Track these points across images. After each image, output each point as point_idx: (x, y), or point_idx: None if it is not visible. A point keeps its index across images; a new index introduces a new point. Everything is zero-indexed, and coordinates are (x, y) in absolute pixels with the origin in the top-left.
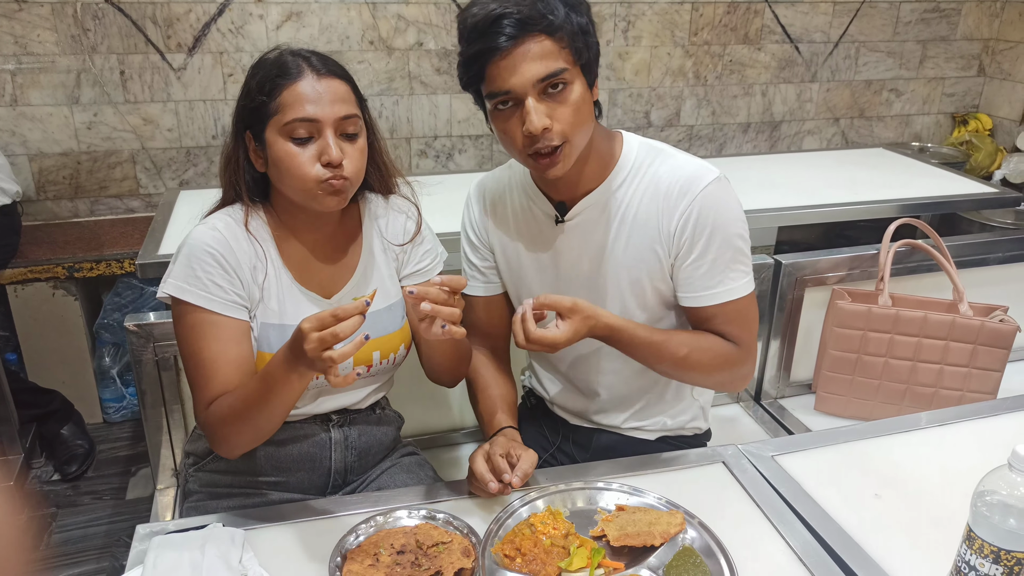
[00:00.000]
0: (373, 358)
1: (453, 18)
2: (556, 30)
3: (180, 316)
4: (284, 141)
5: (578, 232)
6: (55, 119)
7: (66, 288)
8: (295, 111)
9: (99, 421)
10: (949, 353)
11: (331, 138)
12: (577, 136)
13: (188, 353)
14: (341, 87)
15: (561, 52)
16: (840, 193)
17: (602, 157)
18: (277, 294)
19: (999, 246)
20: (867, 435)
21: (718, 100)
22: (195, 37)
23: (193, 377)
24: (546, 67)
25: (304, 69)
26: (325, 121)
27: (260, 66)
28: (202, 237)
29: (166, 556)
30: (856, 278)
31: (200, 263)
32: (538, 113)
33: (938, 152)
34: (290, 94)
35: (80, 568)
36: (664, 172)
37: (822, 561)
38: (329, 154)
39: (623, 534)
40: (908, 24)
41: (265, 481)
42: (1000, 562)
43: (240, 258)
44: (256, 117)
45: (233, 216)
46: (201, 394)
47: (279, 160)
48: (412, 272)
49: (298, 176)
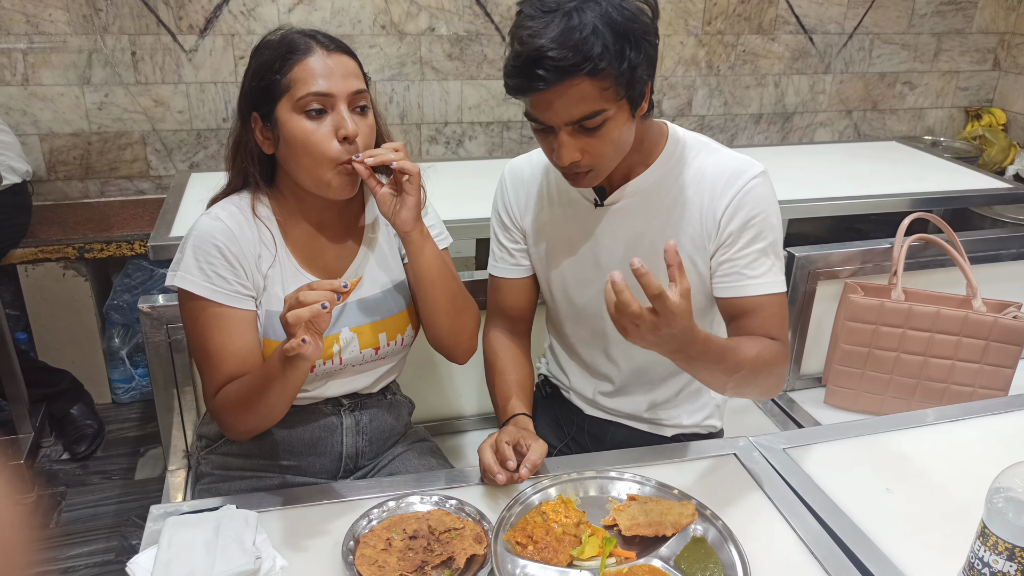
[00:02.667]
0: (380, 340)
1: (465, 4)
2: (599, 72)
3: (187, 307)
4: (298, 117)
5: (617, 217)
6: (66, 99)
7: (76, 269)
8: (308, 85)
9: (108, 402)
10: (961, 349)
11: (345, 112)
12: (607, 162)
13: (195, 342)
14: (351, 63)
15: (603, 93)
16: (852, 186)
17: (646, 146)
18: (282, 281)
19: (1013, 242)
20: (879, 429)
21: (730, 90)
22: (207, 19)
23: (201, 366)
24: (581, 110)
25: (313, 45)
26: (339, 95)
27: (265, 46)
28: (206, 228)
29: (180, 536)
30: (869, 272)
31: (205, 255)
32: (568, 148)
33: (951, 146)
34: (302, 69)
35: (89, 547)
36: (710, 164)
37: (833, 554)
38: (346, 127)
39: (635, 523)
40: (923, 16)
41: (277, 464)
42: (1015, 559)
43: (245, 248)
44: (265, 97)
45: (238, 204)
46: (209, 382)
47: (293, 137)
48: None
49: (315, 153)
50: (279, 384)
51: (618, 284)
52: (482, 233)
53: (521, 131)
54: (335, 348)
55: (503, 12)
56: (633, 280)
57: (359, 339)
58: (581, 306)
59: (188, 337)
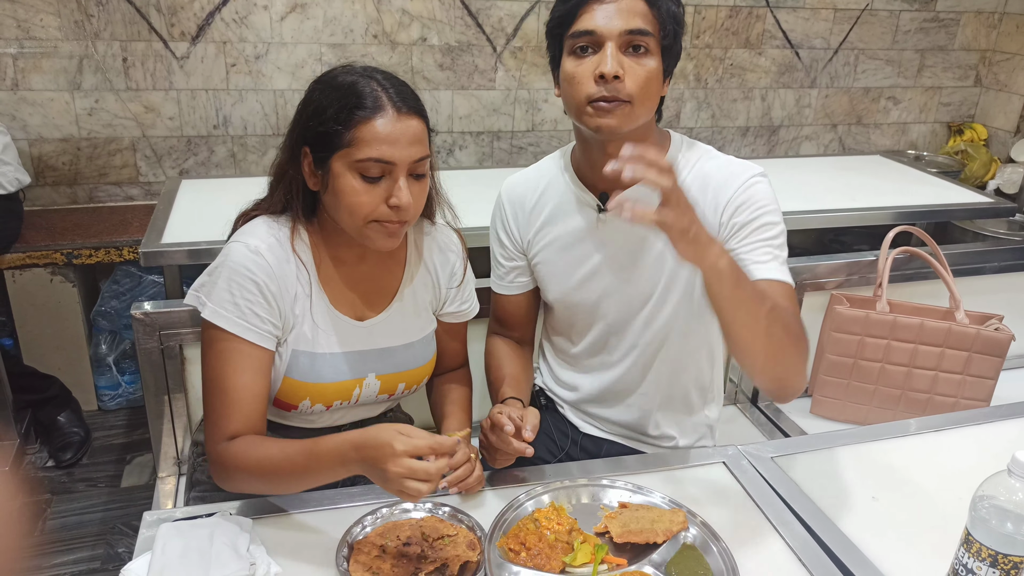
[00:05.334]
0: (398, 388)
1: (457, 14)
2: (655, 3)
3: (211, 340)
4: (352, 176)
5: (620, 222)
6: (56, 104)
7: (64, 274)
8: (371, 150)
9: (94, 408)
10: (945, 360)
11: (402, 181)
12: (641, 102)
13: (213, 378)
14: (419, 127)
15: (652, 20)
16: (837, 199)
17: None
18: (312, 320)
19: (996, 255)
20: (864, 439)
21: (718, 103)
22: (199, 26)
23: (213, 403)
24: (635, 23)
25: (384, 103)
26: (400, 164)
27: (332, 87)
28: (246, 262)
29: (174, 543)
30: (854, 284)
31: (241, 289)
32: (615, 59)
33: (934, 161)
34: (368, 130)
35: (75, 555)
36: (711, 167)
37: (820, 562)
38: (399, 198)
39: (626, 531)
40: (907, 33)
41: None
42: (997, 565)
43: (282, 287)
44: (323, 142)
45: (277, 235)
46: (220, 424)
47: (342, 193)
48: (451, 312)
49: (361, 214)
50: (319, 477)
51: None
52: (472, 242)
53: (511, 141)
54: (356, 392)
55: (494, 24)
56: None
57: (380, 385)
58: (584, 313)
59: (205, 370)
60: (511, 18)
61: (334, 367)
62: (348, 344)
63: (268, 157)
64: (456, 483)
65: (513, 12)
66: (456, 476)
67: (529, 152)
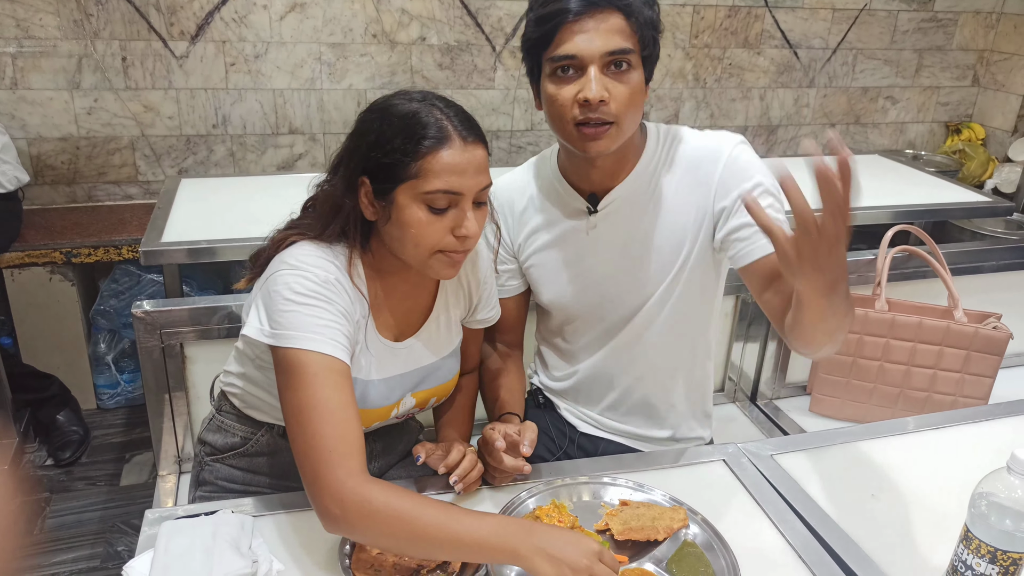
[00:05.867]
0: (430, 403)
1: (456, 14)
2: (631, 14)
3: (299, 367)
4: (419, 207)
5: (611, 222)
6: (55, 104)
7: (63, 273)
8: (440, 181)
9: (93, 407)
10: (943, 358)
11: (469, 211)
12: (627, 120)
13: (310, 403)
14: (483, 155)
15: (631, 35)
16: None
17: (637, 151)
18: (366, 347)
19: (994, 254)
20: (864, 437)
21: (717, 103)
22: (198, 25)
23: (320, 438)
24: (616, 43)
25: (451, 134)
26: (467, 195)
27: (393, 115)
28: (320, 290)
29: (177, 541)
30: (853, 283)
31: (326, 314)
32: (599, 83)
33: (932, 160)
34: (436, 161)
35: (74, 553)
36: (690, 149)
37: (820, 559)
38: (468, 228)
39: (627, 528)
40: (905, 33)
41: (284, 485)
42: (996, 562)
43: (350, 312)
44: (386, 173)
45: (334, 262)
46: (341, 448)
47: (408, 225)
48: (479, 320)
49: (427, 245)
50: (468, 554)
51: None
52: None
53: (510, 140)
54: (394, 412)
55: (493, 23)
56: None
57: (415, 402)
58: (579, 314)
59: (295, 404)
60: (510, 18)
61: (379, 392)
62: (390, 368)
63: (267, 156)
64: (463, 477)
65: (512, 12)
66: (463, 469)
67: (528, 151)
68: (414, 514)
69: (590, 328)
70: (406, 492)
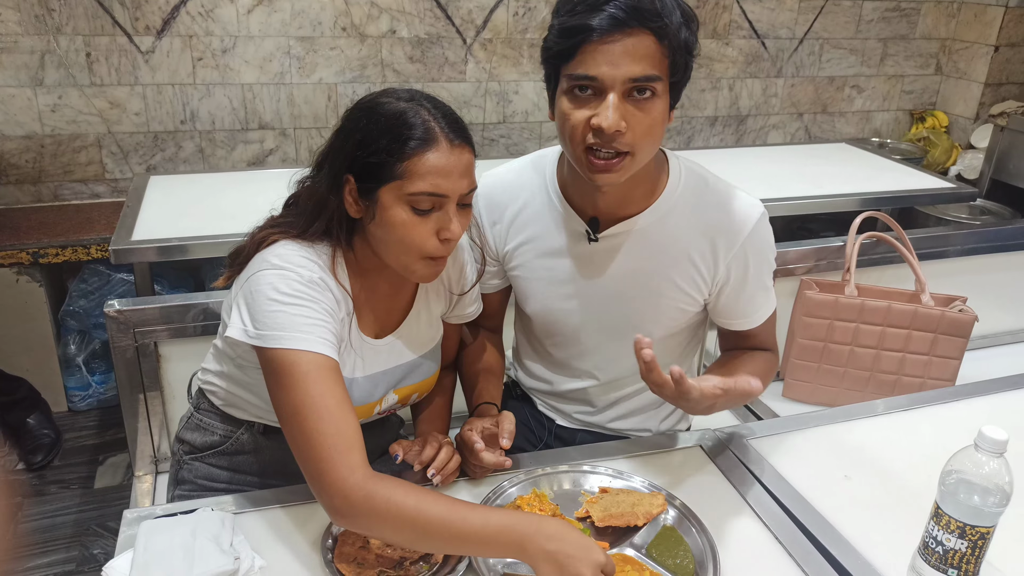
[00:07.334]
0: (412, 398)
1: (426, 6)
2: (665, 36)
3: (289, 367)
4: (403, 209)
5: (610, 252)
6: (18, 101)
7: (30, 274)
8: (425, 183)
9: (64, 410)
10: (911, 341)
11: (453, 213)
12: (643, 151)
13: (309, 404)
14: (470, 158)
15: (661, 61)
16: (804, 187)
17: (651, 181)
18: (349, 344)
19: (959, 239)
20: (836, 420)
21: (686, 93)
22: (164, 20)
23: (322, 429)
24: (643, 69)
25: (437, 136)
26: (452, 197)
27: (379, 115)
28: (306, 289)
29: (157, 539)
30: (823, 269)
31: (312, 312)
32: (616, 112)
33: (897, 148)
34: (422, 163)
35: (49, 557)
36: (711, 207)
37: (796, 539)
38: (450, 230)
39: (607, 515)
40: (870, 22)
41: (264, 483)
42: (965, 537)
43: (335, 310)
44: (371, 172)
45: (317, 261)
46: (340, 444)
47: (392, 225)
48: (460, 315)
49: (411, 247)
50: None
51: (647, 362)
52: None
53: (482, 133)
54: (376, 409)
55: (464, 15)
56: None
57: (398, 398)
58: (562, 331)
59: (291, 405)
60: (480, 10)
61: (363, 390)
62: (373, 365)
63: (236, 152)
64: (440, 469)
65: (482, 4)
66: (440, 461)
67: (501, 144)
68: (419, 509)
69: (572, 345)
70: (411, 487)
